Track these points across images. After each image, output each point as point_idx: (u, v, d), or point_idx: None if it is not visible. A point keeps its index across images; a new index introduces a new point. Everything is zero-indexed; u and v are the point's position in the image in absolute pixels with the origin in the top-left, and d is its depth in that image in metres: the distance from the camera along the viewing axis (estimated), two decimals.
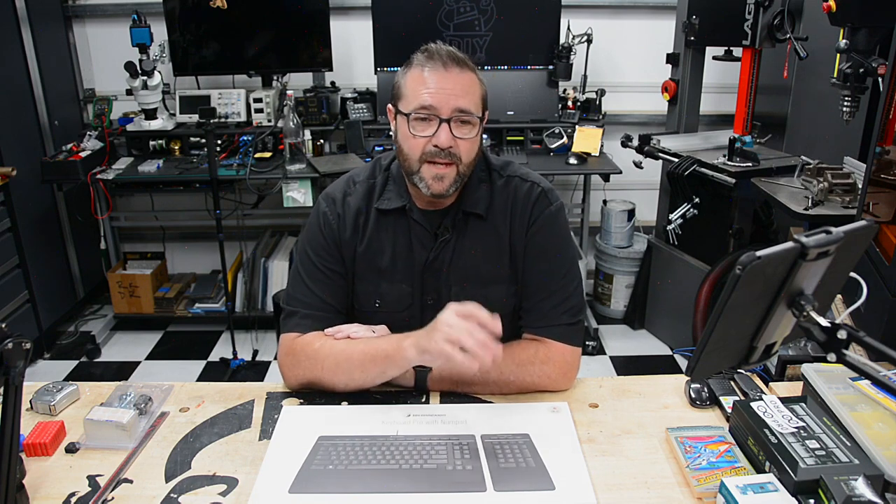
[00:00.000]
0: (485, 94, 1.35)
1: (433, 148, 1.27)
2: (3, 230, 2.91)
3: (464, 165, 1.31)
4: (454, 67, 1.28)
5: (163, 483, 1.10)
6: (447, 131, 1.27)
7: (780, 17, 2.49)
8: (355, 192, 1.41)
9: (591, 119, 3.28)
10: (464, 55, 1.32)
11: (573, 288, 1.39)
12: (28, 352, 0.94)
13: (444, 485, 1.06)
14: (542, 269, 1.38)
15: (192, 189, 3.28)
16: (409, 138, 1.29)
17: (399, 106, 1.32)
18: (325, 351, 1.30)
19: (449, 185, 1.30)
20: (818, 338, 0.91)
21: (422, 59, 1.30)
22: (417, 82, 1.28)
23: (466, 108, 1.28)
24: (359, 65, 3.37)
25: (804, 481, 0.96)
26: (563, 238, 1.41)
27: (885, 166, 1.73)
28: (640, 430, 1.21)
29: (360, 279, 1.40)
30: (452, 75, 1.28)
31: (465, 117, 1.28)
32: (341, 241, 1.39)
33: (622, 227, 3.38)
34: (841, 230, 0.90)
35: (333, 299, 1.39)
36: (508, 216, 1.39)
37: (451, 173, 1.29)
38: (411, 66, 1.31)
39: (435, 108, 1.26)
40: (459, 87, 1.28)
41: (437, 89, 1.27)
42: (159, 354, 3.30)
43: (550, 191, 1.42)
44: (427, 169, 1.29)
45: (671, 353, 3.22)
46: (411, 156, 1.30)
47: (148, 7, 3.14)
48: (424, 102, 1.26)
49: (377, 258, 1.39)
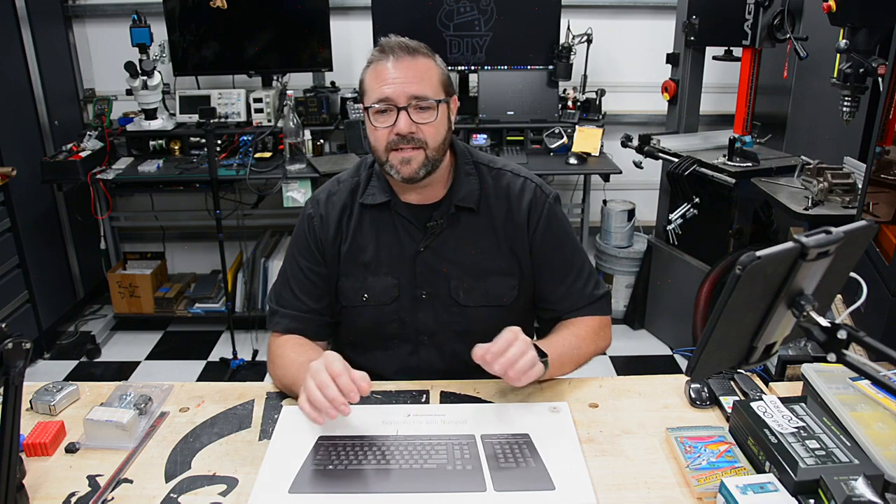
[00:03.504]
0: (444, 77, 1.37)
1: (395, 137, 1.31)
2: (3, 230, 2.91)
3: (431, 150, 1.33)
4: (405, 57, 1.32)
5: (163, 483, 1.10)
6: (406, 118, 1.30)
7: (780, 17, 2.49)
8: (339, 191, 1.45)
9: (591, 119, 3.28)
10: (417, 44, 1.36)
11: (589, 263, 1.50)
12: (28, 352, 0.94)
13: (444, 485, 1.06)
14: (562, 257, 1.45)
15: (192, 189, 3.28)
16: (374, 131, 1.34)
17: (364, 102, 1.37)
18: (277, 353, 1.39)
19: (418, 168, 1.33)
20: (818, 338, 0.91)
21: (376, 55, 1.35)
22: (374, 77, 1.34)
23: (422, 94, 1.31)
24: (359, 65, 3.30)
25: (804, 481, 0.96)
26: (567, 224, 1.49)
27: (885, 166, 1.73)
28: (640, 430, 1.21)
29: (346, 276, 1.44)
30: (404, 64, 1.32)
31: (422, 103, 1.32)
32: (324, 243, 1.43)
33: (622, 227, 3.38)
34: (841, 230, 0.90)
35: (312, 301, 1.45)
36: (504, 212, 1.43)
37: (419, 157, 1.33)
38: (369, 63, 1.37)
39: (391, 99, 1.31)
40: (412, 75, 1.31)
41: (391, 80, 1.31)
42: (159, 354, 3.30)
43: (542, 184, 1.47)
44: (394, 155, 1.33)
45: (671, 353, 3.22)
46: (378, 147, 1.35)
47: (148, 7, 3.14)
48: (381, 95, 1.31)
49: (361, 253, 1.42)
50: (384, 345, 1.46)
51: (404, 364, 1.45)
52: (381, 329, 1.44)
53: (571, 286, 1.45)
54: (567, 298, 1.46)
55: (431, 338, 1.44)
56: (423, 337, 1.44)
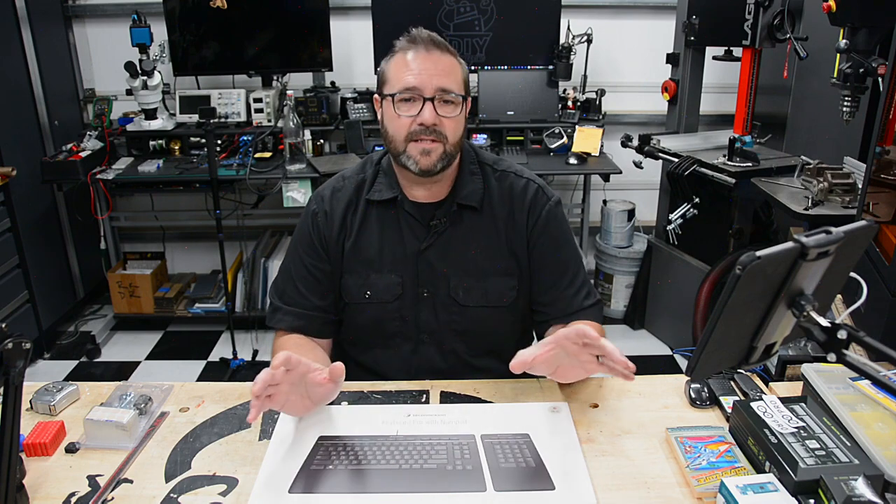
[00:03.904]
0: (466, 77, 1.38)
1: (418, 127, 1.31)
2: (3, 230, 2.91)
3: (450, 144, 1.34)
4: (436, 50, 1.33)
5: (163, 483, 1.09)
6: (431, 109, 1.30)
7: (780, 17, 2.49)
8: (344, 187, 1.45)
9: (591, 119, 3.28)
10: (444, 41, 1.36)
11: (584, 272, 1.47)
12: (28, 352, 0.94)
13: (444, 485, 1.06)
14: (558, 260, 1.44)
15: (192, 189, 3.28)
16: (395, 119, 1.33)
17: (384, 90, 1.36)
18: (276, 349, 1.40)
19: (436, 160, 1.32)
20: (818, 338, 0.91)
21: (404, 44, 1.35)
22: (401, 66, 1.33)
23: (449, 88, 1.32)
24: (359, 65, 3.37)
25: (804, 481, 0.96)
26: (567, 228, 1.48)
27: (885, 166, 1.73)
28: (640, 430, 1.21)
29: (349, 272, 1.43)
30: (434, 57, 1.32)
31: (448, 97, 1.32)
32: (329, 240, 1.42)
33: (622, 227, 3.38)
34: (841, 230, 0.90)
35: (317, 298, 1.44)
36: (506, 212, 1.42)
37: (438, 149, 1.32)
38: (395, 51, 1.36)
39: (418, 88, 1.30)
40: (441, 68, 1.32)
41: (420, 70, 1.31)
42: (159, 354, 3.30)
43: (545, 186, 1.46)
44: (413, 146, 1.32)
45: (671, 353, 3.22)
46: (397, 136, 1.34)
47: (148, 7, 3.14)
48: (408, 84, 1.31)
49: (365, 249, 1.42)
50: (385, 343, 1.45)
51: (405, 362, 1.45)
52: (383, 327, 1.44)
53: (564, 290, 1.43)
54: (558, 302, 1.44)
55: (432, 336, 1.44)
56: (423, 335, 1.44)
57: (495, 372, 1.44)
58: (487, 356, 1.47)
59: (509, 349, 1.48)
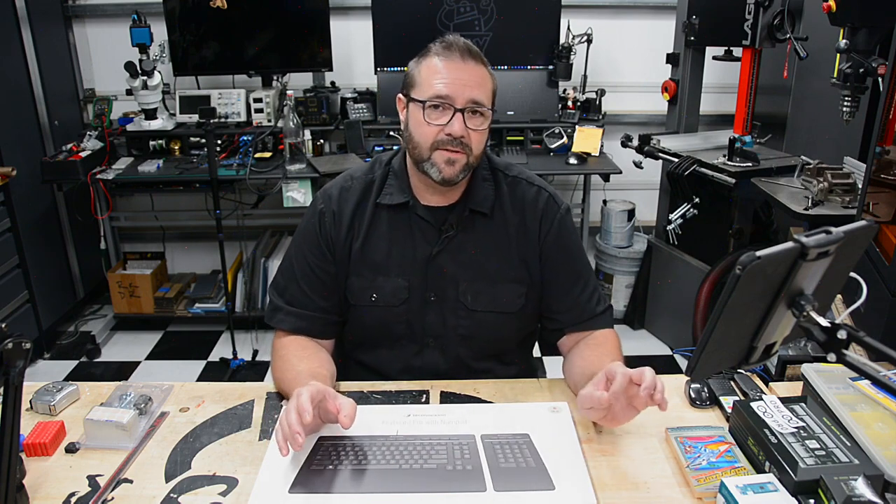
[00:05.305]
0: (495, 89, 1.37)
1: (445, 136, 1.29)
2: (3, 230, 2.91)
3: (473, 156, 1.33)
4: (470, 60, 1.31)
5: (163, 483, 1.10)
6: (461, 121, 1.29)
7: (780, 17, 2.49)
8: (353, 188, 1.42)
9: (591, 119, 3.28)
10: (478, 50, 1.35)
11: (594, 279, 1.48)
12: (28, 352, 0.94)
13: (444, 485, 1.06)
14: (571, 268, 1.44)
15: (192, 189, 3.28)
16: (423, 125, 1.30)
17: (412, 94, 1.33)
18: (280, 355, 1.37)
19: (459, 171, 1.31)
20: (818, 338, 0.91)
21: (439, 49, 1.32)
22: (433, 72, 1.30)
23: (480, 100, 1.30)
24: (359, 65, 3.37)
25: (804, 481, 0.96)
26: (577, 236, 1.48)
27: (885, 166, 1.73)
28: (640, 430, 1.20)
29: (355, 275, 1.41)
30: (469, 67, 1.31)
31: (479, 108, 1.31)
32: (335, 241, 1.40)
33: (622, 227, 3.38)
34: (841, 230, 0.90)
35: (321, 299, 1.41)
36: (517, 219, 1.41)
37: (462, 160, 1.31)
38: (428, 55, 1.33)
39: (450, 98, 1.28)
40: (474, 79, 1.31)
41: (453, 79, 1.29)
42: (159, 354, 3.30)
43: (556, 194, 1.46)
44: (439, 154, 1.30)
45: (671, 353, 3.22)
46: (423, 143, 1.31)
47: (148, 7, 3.14)
48: (440, 92, 1.28)
49: (373, 253, 1.40)
50: (390, 344, 1.44)
51: (408, 364, 1.44)
52: (388, 329, 1.42)
53: (577, 298, 1.43)
54: (572, 310, 1.43)
55: (437, 340, 1.42)
56: (428, 339, 1.42)
57: (496, 373, 1.44)
58: (489, 359, 1.46)
59: (511, 353, 1.49)
